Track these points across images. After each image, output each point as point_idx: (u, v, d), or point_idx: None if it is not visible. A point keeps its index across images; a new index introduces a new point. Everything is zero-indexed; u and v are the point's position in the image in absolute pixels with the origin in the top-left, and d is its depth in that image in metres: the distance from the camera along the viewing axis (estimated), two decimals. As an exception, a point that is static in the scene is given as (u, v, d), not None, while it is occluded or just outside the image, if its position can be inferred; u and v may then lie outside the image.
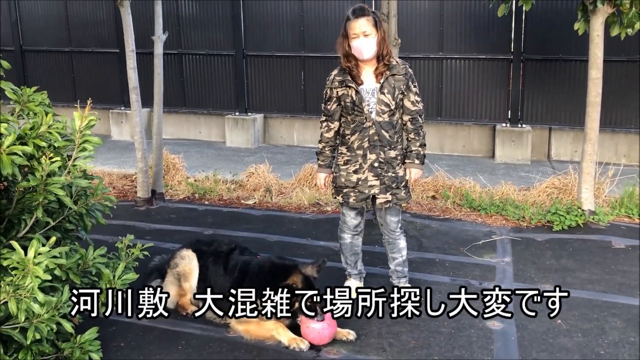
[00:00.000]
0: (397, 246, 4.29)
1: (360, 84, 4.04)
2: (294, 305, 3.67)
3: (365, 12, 3.91)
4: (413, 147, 4.14)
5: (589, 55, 5.78)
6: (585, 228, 5.73)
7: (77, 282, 3.35)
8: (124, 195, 7.27)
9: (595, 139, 5.88)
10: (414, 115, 4.09)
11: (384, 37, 3.99)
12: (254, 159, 8.97)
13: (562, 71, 8.65)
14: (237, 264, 4.01)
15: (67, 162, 3.21)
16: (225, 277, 4.00)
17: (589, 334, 3.80)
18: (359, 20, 3.89)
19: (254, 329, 3.77)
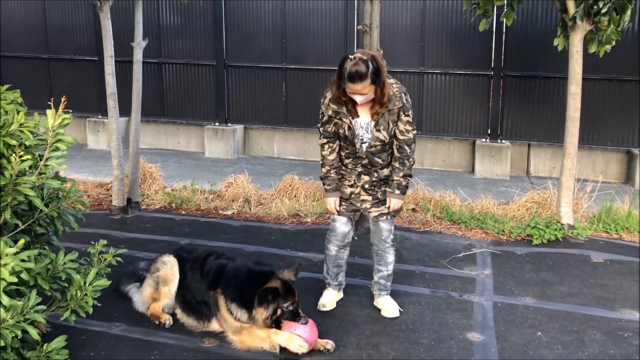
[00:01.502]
0: (385, 259, 4.23)
1: (354, 117, 3.93)
2: (276, 312, 3.60)
3: (362, 77, 3.62)
4: (395, 177, 4.01)
5: (569, 71, 5.85)
6: (564, 242, 5.74)
7: (46, 287, 3.22)
8: (99, 204, 7.12)
9: (574, 154, 5.93)
10: (401, 144, 3.92)
11: (384, 84, 3.71)
12: (233, 169, 8.87)
13: (541, 88, 8.76)
14: (212, 267, 3.94)
15: (38, 162, 3.11)
16: (202, 281, 3.91)
17: (569, 346, 3.78)
18: (356, 85, 3.67)
19: (247, 338, 3.67)
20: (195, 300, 3.93)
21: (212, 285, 3.82)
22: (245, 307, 3.64)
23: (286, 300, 3.61)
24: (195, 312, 3.93)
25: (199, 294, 3.90)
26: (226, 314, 3.73)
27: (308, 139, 9.85)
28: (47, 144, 3.06)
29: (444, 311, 4.27)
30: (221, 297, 3.75)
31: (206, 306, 3.86)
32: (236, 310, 3.67)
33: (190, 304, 3.97)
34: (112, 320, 4.04)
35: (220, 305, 3.76)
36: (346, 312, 4.26)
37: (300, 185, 7.30)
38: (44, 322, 3.12)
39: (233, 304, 3.69)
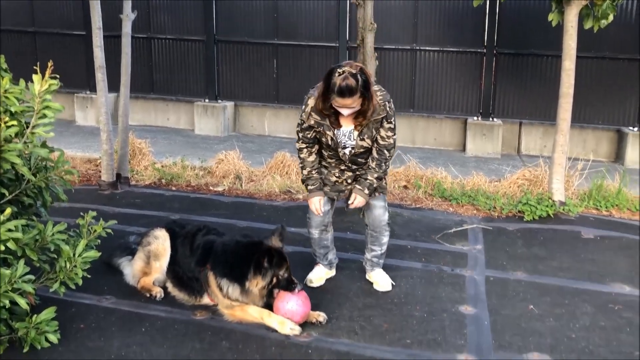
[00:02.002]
0: (380, 240, 4.20)
1: (337, 128, 3.86)
2: (272, 280, 3.57)
3: (352, 91, 3.53)
4: (369, 176, 3.93)
5: (563, 47, 5.81)
6: (555, 218, 5.75)
7: (34, 258, 3.17)
8: (88, 179, 7.02)
9: (566, 130, 5.91)
10: (381, 147, 3.88)
11: (372, 97, 3.64)
12: (223, 146, 8.77)
13: (533, 66, 8.71)
14: (199, 244, 3.88)
15: (25, 129, 3.03)
16: (191, 257, 3.86)
17: (560, 318, 3.79)
18: (345, 99, 3.58)
19: (239, 315, 3.64)
20: (187, 276, 3.88)
21: (201, 262, 3.77)
22: (237, 281, 3.59)
23: (281, 268, 3.57)
24: (187, 287, 3.89)
25: (190, 270, 3.85)
26: (216, 290, 3.68)
27: (299, 116, 9.76)
28: (33, 111, 2.98)
29: (436, 285, 4.27)
30: (211, 274, 3.70)
31: (197, 282, 3.82)
32: (227, 285, 3.61)
33: (182, 280, 3.92)
34: (102, 294, 3.99)
35: (210, 281, 3.71)
36: (338, 285, 4.24)
37: (291, 162, 7.24)
38: (32, 292, 3.07)
39: (223, 280, 3.63)
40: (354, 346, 3.40)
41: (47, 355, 3.21)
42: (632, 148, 8.24)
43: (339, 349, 3.36)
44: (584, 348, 3.43)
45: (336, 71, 3.59)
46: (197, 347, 3.35)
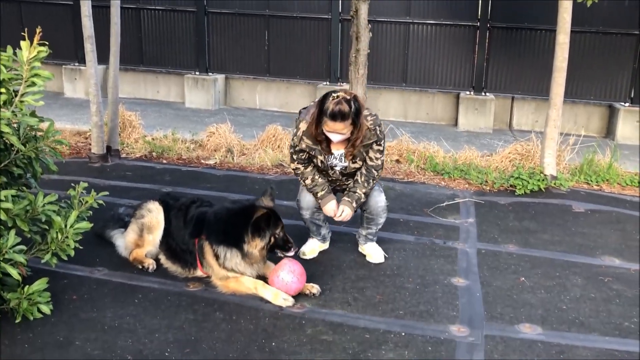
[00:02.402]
0: (377, 222, 4.20)
1: (328, 155, 3.93)
2: (271, 240, 3.58)
3: (345, 116, 3.59)
4: (358, 190, 3.97)
5: (558, 20, 5.76)
6: (546, 192, 5.78)
7: (25, 229, 3.14)
8: (78, 152, 6.95)
9: (560, 105, 5.90)
10: (369, 169, 3.95)
11: (361, 125, 3.71)
12: (214, 120, 8.69)
13: (527, 40, 8.66)
14: (193, 215, 3.85)
15: (13, 97, 2.96)
16: (184, 229, 3.83)
17: (551, 290, 3.83)
18: (337, 123, 3.63)
19: (234, 286, 3.64)
20: (180, 248, 3.85)
21: (196, 233, 3.75)
22: (235, 245, 3.58)
23: (277, 227, 3.60)
24: (180, 259, 3.87)
25: (184, 243, 3.82)
26: (212, 261, 3.66)
27: (291, 90, 9.68)
28: (22, 79, 2.91)
29: (429, 257, 4.29)
30: (206, 244, 3.68)
31: (190, 255, 3.79)
32: (224, 252, 3.60)
33: (175, 252, 3.90)
34: (94, 265, 3.97)
35: (206, 251, 3.69)
36: (331, 257, 4.25)
37: (283, 136, 7.20)
38: (24, 262, 3.04)
39: (220, 247, 3.62)
40: (347, 317, 3.41)
41: (40, 326, 3.20)
42: (623, 123, 8.26)
43: (333, 319, 3.38)
44: (575, 319, 3.47)
45: (331, 95, 3.66)
46: (191, 318, 3.35)
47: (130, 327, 3.24)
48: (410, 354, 3.06)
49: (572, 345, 3.18)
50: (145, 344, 3.07)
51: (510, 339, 3.23)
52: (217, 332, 3.21)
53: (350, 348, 3.09)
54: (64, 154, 6.59)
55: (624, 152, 7.24)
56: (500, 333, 3.28)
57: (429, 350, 3.09)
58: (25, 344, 3.04)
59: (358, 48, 5.81)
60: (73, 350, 2.99)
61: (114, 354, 2.98)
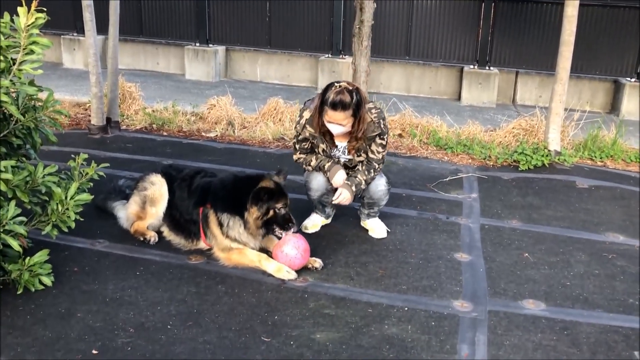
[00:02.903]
0: (379, 205, 4.16)
1: (332, 147, 3.92)
2: (269, 212, 3.53)
3: (345, 106, 3.60)
4: (359, 176, 3.94)
5: (566, -8, 5.64)
6: (550, 168, 5.73)
7: (25, 200, 3.10)
8: (77, 123, 6.87)
9: (565, 79, 5.81)
10: (371, 161, 3.96)
11: (362, 118, 3.72)
12: (215, 92, 8.58)
13: (533, 13, 8.51)
14: (199, 184, 3.82)
15: (11, 65, 2.89)
16: (189, 199, 3.80)
17: (555, 266, 3.81)
18: (337, 113, 3.63)
19: (236, 258, 3.61)
20: (184, 219, 3.82)
21: (201, 202, 3.72)
22: (238, 213, 3.56)
23: (279, 201, 3.54)
24: (183, 231, 3.84)
25: (187, 213, 3.79)
26: (216, 229, 3.64)
27: (292, 62, 9.56)
28: (19, 47, 2.83)
29: (432, 232, 4.26)
30: (211, 212, 3.65)
31: (194, 225, 3.77)
32: (227, 219, 3.58)
33: (179, 223, 3.87)
34: (95, 237, 3.94)
35: (210, 220, 3.66)
36: (333, 231, 4.22)
37: (285, 109, 7.11)
38: (24, 233, 3.01)
39: (224, 214, 3.59)
40: (350, 291, 3.39)
41: (42, 298, 3.18)
42: (629, 99, 8.18)
43: (335, 293, 3.36)
44: (578, 295, 3.45)
45: (333, 85, 3.67)
46: (193, 291, 3.33)
47: (131, 299, 3.23)
48: (413, 328, 3.05)
49: (575, 321, 3.17)
50: (147, 317, 3.06)
51: (514, 314, 3.22)
52: (219, 305, 3.19)
53: (353, 322, 3.08)
54: (63, 125, 6.51)
55: (629, 128, 7.18)
56: (503, 309, 3.27)
57: (432, 325, 3.08)
58: (27, 315, 3.02)
59: (362, 19, 5.70)
60: (74, 322, 2.98)
61: (115, 326, 2.96)
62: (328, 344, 2.88)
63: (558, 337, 3.02)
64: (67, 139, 6.08)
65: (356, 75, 5.86)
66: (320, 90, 3.77)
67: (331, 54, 9.28)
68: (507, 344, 2.95)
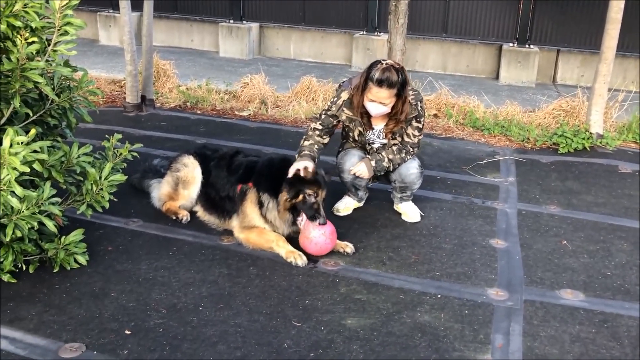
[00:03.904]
0: (411, 189, 4.07)
1: (368, 129, 3.89)
2: (297, 195, 3.49)
3: (391, 84, 3.55)
4: (384, 153, 3.84)
5: (614, -33, 5.37)
6: (591, 151, 5.54)
7: (60, 180, 3.13)
8: (112, 101, 6.94)
9: (611, 59, 5.57)
10: (405, 144, 3.89)
11: (405, 100, 3.66)
12: (248, 70, 8.57)
13: (577, -11, 8.19)
14: (242, 163, 3.81)
15: (46, 46, 2.89)
16: (228, 177, 3.79)
17: (595, 255, 3.68)
18: (382, 90, 3.57)
19: (254, 238, 3.60)
20: (220, 196, 3.82)
21: (242, 179, 3.71)
22: (275, 195, 3.55)
23: (310, 188, 3.49)
24: (217, 209, 3.85)
25: (224, 190, 3.79)
26: (251, 208, 3.62)
27: (326, 40, 9.43)
28: (54, 27, 2.83)
29: (467, 217, 4.17)
30: (252, 190, 3.64)
31: (229, 202, 3.76)
32: (268, 200, 3.58)
33: (214, 201, 3.87)
34: (129, 217, 3.98)
35: (247, 198, 3.65)
36: (365, 215, 4.16)
37: (318, 88, 7.04)
38: (60, 214, 3.05)
39: (265, 194, 3.59)
40: (382, 276, 3.35)
41: (77, 276, 3.23)
42: (678, 79, 7.82)
43: (367, 278, 3.32)
44: (620, 286, 3.33)
45: (379, 62, 3.65)
46: (225, 272, 3.34)
47: (164, 279, 3.25)
48: (447, 316, 2.99)
49: (616, 313, 3.06)
50: (180, 297, 3.07)
51: (551, 304, 3.12)
52: (251, 288, 3.19)
53: (384, 308, 3.03)
54: (98, 103, 6.59)
55: (676, 110, 6.86)
56: (540, 298, 3.18)
57: (466, 314, 3.02)
58: (62, 293, 3.07)
59: (398, -4, 5.54)
60: (108, 302, 3.01)
61: (148, 306, 2.99)
62: (359, 330, 2.85)
63: (597, 329, 2.93)
64: (103, 116, 6.14)
65: (391, 54, 5.73)
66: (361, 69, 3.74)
67: (366, 30, 9.12)
68: (543, 335, 2.87)
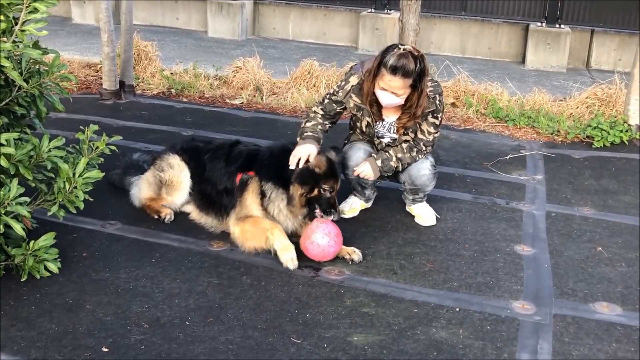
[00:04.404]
0: (424, 190, 4.07)
1: (378, 120, 3.88)
2: (313, 190, 3.53)
3: (407, 73, 3.51)
4: (391, 151, 3.85)
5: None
6: (630, 146, 5.57)
7: (29, 177, 3.12)
8: (87, 87, 6.96)
9: (652, 41, 5.58)
10: (418, 142, 3.88)
11: (422, 92, 3.64)
12: (241, 52, 8.58)
13: (614, -39, 8.18)
14: (242, 151, 3.84)
15: (13, 26, 2.89)
16: (227, 167, 3.80)
17: (633, 264, 3.69)
18: (395, 78, 3.54)
19: (248, 229, 3.60)
20: (217, 190, 3.83)
21: (243, 168, 3.73)
22: (283, 186, 3.58)
23: (327, 182, 3.53)
24: (214, 206, 3.86)
25: (222, 182, 3.80)
26: (251, 198, 3.64)
27: (329, 18, 9.43)
28: (22, 4, 2.83)
29: (488, 220, 4.17)
30: (254, 179, 3.67)
31: (227, 195, 3.77)
32: (271, 191, 3.60)
33: (210, 198, 3.88)
34: (106, 219, 3.99)
35: (248, 188, 3.66)
36: (374, 217, 4.17)
37: (319, 73, 7.05)
38: (28, 216, 3.05)
39: (269, 183, 3.61)
40: (392, 287, 3.35)
41: (47, 286, 3.23)
42: None
43: (375, 289, 3.32)
44: (661, 299, 3.34)
45: (396, 46, 3.60)
46: (215, 282, 3.34)
47: (146, 290, 3.25)
48: (465, 332, 2.99)
49: (657, 330, 3.07)
50: (163, 311, 3.08)
51: (584, 319, 3.13)
52: (244, 300, 3.19)
53: (395, 324, 3.04)
54: (71, 90, 6.60)
55: None
56: (571, 312, 3.18)
57: (487, 330, 3.02)
58: (31, 305, 3.08)
59: (412, -31, 5.55)
60: (83, 315, 3.02)
61: (128, 320, 2.99)
62: (366, 348, 2.85)
63: (636, 348, 2.93)
64: (77, 104, 6.15)
65: (403, 35, 5.73)
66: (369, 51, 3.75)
67: (374, 8, 9.12)
68: (576, 354, 2.87)
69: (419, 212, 4.14)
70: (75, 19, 10.22)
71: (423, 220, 4.10)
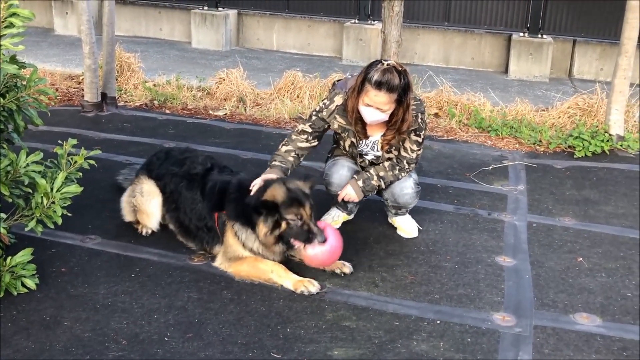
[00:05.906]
0: (406, 207, 4.09)
1: (362, 139, 3.88)
2: (279, 225, 3.39)
3: (391, 88, 3.52)
4: (372, 170, 3.86)
5: (635, -52, 5.44)
6: (611, 155, 5.62)
7: (6, 192, 3.12)
8: (69, 99, 6.93)
9: (632, 52, 5.64)
10: (401, 160, 3.90)
11: (407, 108, 3.64)
12: (225, 63, 8.59)
13: (594, -28, 8.29)
14: (215, 184, 3.68)
15: (-12, 40, 2.88)
16: (203, 203, 3.69)
17: (614, 274, 3.72)
18: (380, 94, 3.54)
19: (246, 270, 3.51)
20: (195, 225, 3.73)
21: (218, 206, 3.61)
22: (250, 225, 3.46)
23: (289, 211, 3.37)
24: (195, 238, 3.78)
25: (200, 219, 3.69)
26: (232, 239, 3.54)
27: (313, 29, 9.47)
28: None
29: (470, 231, 4.19)
30: (227, 219, 3.56)
31: (208, 233, 3.67)
32: (240, 231, 3.49)
33: (189, 230, 3.78)
34: (86, 233, 3.96)
35: (227, 229, 3.57)
36: (356, 229, 4.18)
37: (304, 84, 7.07)
38: (5, 231, 3.02)
39: (237, 224, 3.51)
40: (374, 300, 3.36)
41: (25, 303, 3.20)
42: None
43: (357, 302, 3.33)
44: (641, 309, 3.37)
45: (380, 62, 3.62)
46: (195, 297, 3.33)
47: (125, 306, 3.23)
48: (446, 345, 3.00)
49: (637, 340, 3.09)
50: (142, 327, 3.06)
51: (564, 330, 3.15)
52: (224, 315, 3.18)
53: (376, 337, 3.04)
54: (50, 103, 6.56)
55: None
56: (552, 324, 3.20)
57: (468, 342, 3.03)
58: (7, 322, 3.05)
59: (393, -19, 5.59)
60: (61, 332, 2.99)
61: (106, 337, 2.97)
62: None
63: (616, 358, 2.95)
64: (57, 116, 6.12)
65: (386, 46, 5.77)
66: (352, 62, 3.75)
67: (358, 19, 9.17)
68: (556, 366, 2.89)
69: (401, 224, 4.15)
70: (58, 30, 10.18)
71: (405, 232, 4.11)
